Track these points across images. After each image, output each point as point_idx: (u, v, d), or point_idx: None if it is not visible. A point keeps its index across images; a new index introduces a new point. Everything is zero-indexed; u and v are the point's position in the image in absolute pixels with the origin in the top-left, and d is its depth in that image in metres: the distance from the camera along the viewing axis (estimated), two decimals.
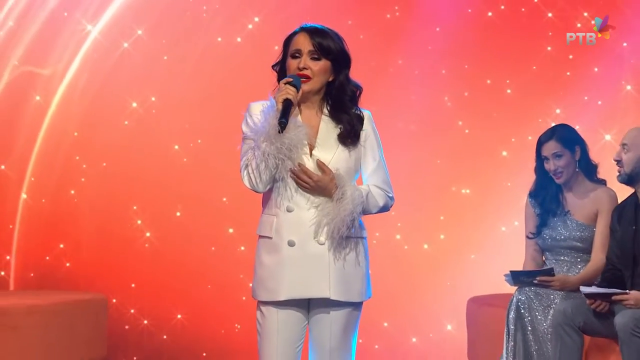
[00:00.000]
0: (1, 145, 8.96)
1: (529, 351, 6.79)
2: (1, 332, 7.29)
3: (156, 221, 9.03)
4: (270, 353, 4.71)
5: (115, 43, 9.00)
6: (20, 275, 8.99)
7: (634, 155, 6.59)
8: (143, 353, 8.84)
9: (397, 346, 8.82)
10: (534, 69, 8.99)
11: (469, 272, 8.83)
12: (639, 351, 6.28)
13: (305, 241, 4.63)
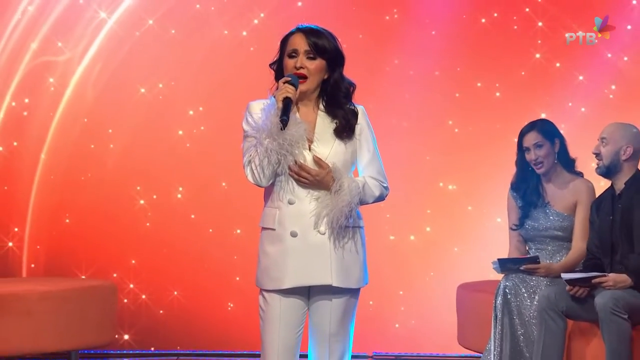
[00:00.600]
0: (19, 127, 8.96)
1: (515, 335, 6.81)
2: (16, 316, 7.25)
3: (158, 202, 8.99)
4: (272, 338, 4.72)
5: (128, 32, 8.97)
6: (31, 247, 8.96)
7: (612, 148, 6.65)
8: (140, 325, 8.79)
9: (388, 331, 8.84)
10: (522, 74, 8.97)
11: (454, 261, 8.81)
12: (618, 329, 6.33)
13: (306, 232, 4.65)
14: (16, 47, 8.93)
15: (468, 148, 8.98)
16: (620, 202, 6.66)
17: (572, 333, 6.70)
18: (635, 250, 6.56)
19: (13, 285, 7.68)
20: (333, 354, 4.75)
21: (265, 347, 4.74)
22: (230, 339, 8.87)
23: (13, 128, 8.95)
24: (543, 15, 8.93)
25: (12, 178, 8.97)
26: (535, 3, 8.96)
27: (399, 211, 8.80)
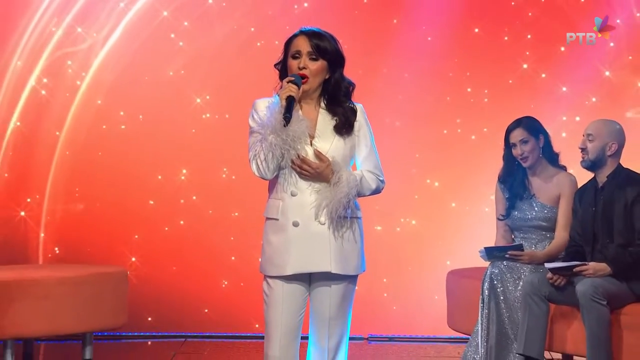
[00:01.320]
0: (40, 106, 8.97)
1: (501, 318, 6.84)
2: (34, 300, 7.24)
3: (162, 183, 8.98)
4: (276, 321, 4.72)
5: (144, 22, 8.97)
6: (49, 220, 8.96)
7: (598, 144, 6.66)
8: (141, 295, 8.75)
9: (382, 315, 8.85)
10: (510, 82, 8.98)
11: (441, 250, 8.84)
12: (598, 314, 6.36)
13: (308, 222, 4.65)
14: (43, 33, 8.93)
15: (455, 148, 8.99)
16: (602, 194, 6.68)
17: (554, 316, 6.72)
18: (615, 241, 6.58)
19: (32, 271, 7.68)
20: (332, 336, 4.75)
21: (269, 329, 4.73)
22: (226, 317, 8.90)
23: (34, 107, 8.94)
24: (531, 27, 8.93)
25: (32, 153, 8.98)
26: (526, 17, 8.95)
27: (387, 204, 8.74)
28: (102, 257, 8.86)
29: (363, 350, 8.40)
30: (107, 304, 7.66)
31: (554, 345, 6.81)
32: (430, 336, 8.64)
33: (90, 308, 7.52)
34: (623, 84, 8.92)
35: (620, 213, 6.59)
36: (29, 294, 7.26)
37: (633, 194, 6.57)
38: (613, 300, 6.43)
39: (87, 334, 7.62)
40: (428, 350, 8.32)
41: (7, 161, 8.97)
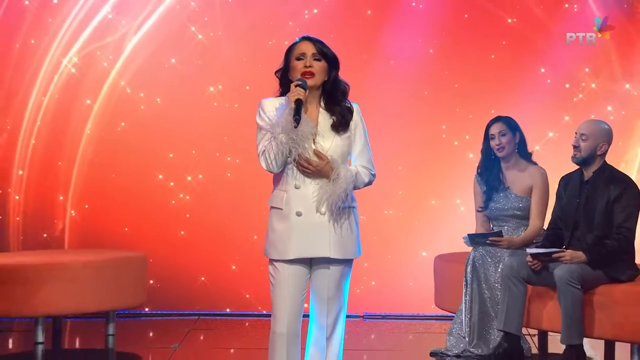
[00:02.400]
0: (77, 88, 8.91)
1: (483, 297, 6.92)
2: (62, 282, 7.25)
3: (173, 160, 8.92)
4: (282, 300, 4.73)
5: (173, 14, 8.91)
6: (76, 201, 8.90)
7: (592, 144, 6.63)
8: (159, 277, 8.72)
9: (377, 295, 8.81)
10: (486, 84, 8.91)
11: (428, 237, 8.77)
12: (572, 297, 6.40)
13: (309, 212, 4.66)
14: (82, 22, 8.90)
15: (440, 144, 8.94)
16: (587, 188, 6.68)
17: (531, 296, 6.76)
18: (593, 233, 6.60)
19: (60, 256, 7.68)
20: (330, 313, 4.76)
21: (276, 307, 4.73)
22: (234, 298, 8.85)
23: (68, 86, 8.88)
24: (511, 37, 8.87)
25: (64, 127, 8.94)
26: (511, 28, 8.87)
27: (375, 195, 8.56)
28: (123, 242, 8.83)
29: (359, 326, 8.38)
30: (128, 285, 7.65)
31: (531, 322, 6.86)
32: (420, 314, 8.62)
33: (113, 289, 7.52)
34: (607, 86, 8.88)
35: (602, 208, 6.59)
36: (57, 277, 7.26)
37: (615, 192, 6.57)
38: (586, 284, 6.47)
39: (110, 312, 7.65)
40: (417, 327, 8.30)
41: (42, 130, 8.89)
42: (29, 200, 8.91)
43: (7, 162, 8.89)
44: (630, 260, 6.64)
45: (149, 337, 8.03)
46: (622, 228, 6.55)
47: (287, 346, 4.73)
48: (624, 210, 6.55)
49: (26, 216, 8.89)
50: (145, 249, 8.45)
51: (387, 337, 8.04)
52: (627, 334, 6.47)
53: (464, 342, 6.95)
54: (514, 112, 7.46)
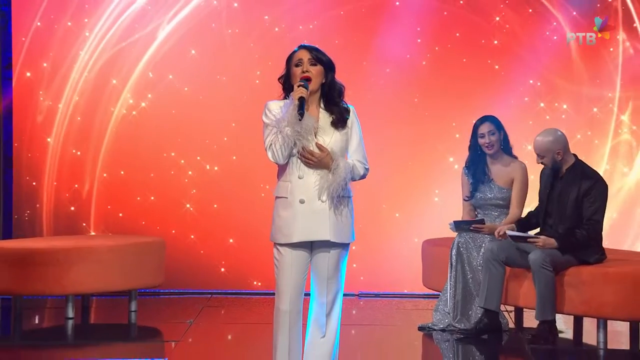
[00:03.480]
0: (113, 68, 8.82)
1: (466, 278, 6.96)
2: (90, 264, 7.31)
3: (188, 149, 8.85)
4: (285, 280, 4.72)
5: (200, 10, 8.81)
6: (102, 187, 8.84)
7: (549, 158, 6.71)
8: (176, 260, 8.59)
9: (370, 275, 8.78)
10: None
11: (417, 224, 8.72)
12: (545, 279, 6.51)
13: (311, 200, 4.66)
14: (121, 11, 8.82)
15: (422, 143, 8.83)
16: (561, 182, 6.74)
17: (509, 277, 6.86)
18: (565, 223, 6.68)
19: (87, 240, 7.73)
20: (330, 292, 4.76)
21: (280, 287, 4.73)
22: (242, 278, 8.80)
23: (105, 66, 8.80)
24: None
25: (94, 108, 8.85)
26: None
27: (368, 189, 8.38)
28: (143, 228, 8.80)
29: (355, 304, 8.37)
30: (148, 267, 7.71)
31: (509, 300, 6.96)
32: (409, 293, 8.58)
33: (135, 270, 7.58)
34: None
35: (573, 201, 6.66)
36: (85, 259, 7.33)
37: (585, 187, 6.63)
38: (557, 267, 6.58)
39: (133, 290, 7.67)
40: (406, 304, 8.27)
41: (78, 107, 8.82)
42: (61, 182, 8.83)
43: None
44: (597, 246, 6.74)
45: (167, 313, 8.01)
46: (591, 220, 6.64)
47: (290, 322, 4.74)
48: (592, 204, 6.62)
49: (58, 202, 8.84)
50: (165, 234, 8.49)
51: (380, 313, 8.03)
52: (594, 311, 6.59)
53: (449, 318, 6.99)
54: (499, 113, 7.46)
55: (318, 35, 8.63)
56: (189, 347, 6.73)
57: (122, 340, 7.11)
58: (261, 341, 4.86)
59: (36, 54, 8.81)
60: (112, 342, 6.99)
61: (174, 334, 7.09)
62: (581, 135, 8.72)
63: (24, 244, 7.68)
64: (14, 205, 8.80)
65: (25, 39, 8.77)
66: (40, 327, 7.63)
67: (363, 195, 8.53)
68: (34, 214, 8.82)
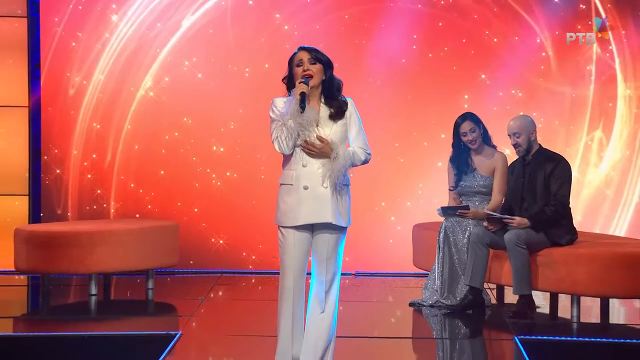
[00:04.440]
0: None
1: (452, 259, 6.99)
2: (111, 246, 7.35)
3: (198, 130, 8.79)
4: (289, 260, 4.75)
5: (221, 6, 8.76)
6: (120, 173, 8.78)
7: (525, 137, 6.75)
8: (188, 242, 8.58)
9: (366, 256, 8.75)
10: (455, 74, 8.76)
11: (407, 209, 8.73)
12: (520, 256, 6.58)
13: (315, 186, 4.68)
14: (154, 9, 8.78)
15: (413, 134, 8.78)
16: (529, 168, 6.80)
17: (492, 258, 6.90)
18: (537, 202, 6.73)
19: (108, 224, 7.75)
20: (329, 271, 4.77)
21: (284, 266, 4.76)
22: (249, 258, 8.75)
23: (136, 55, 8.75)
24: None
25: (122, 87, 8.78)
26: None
27: (361, 180, 8.42)
28: (160, 213, 8.76)
29: (352, 282, 8.37)
30: (164, 248, 7.73)
31: (491, 278, 7.00)
32: (401, 272, 8.54)
33: (152, 251, 7.61)
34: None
35: (541, 182, 6.73)
36: (107, 241, 7.37)
37: (550, 168, 6.71)
38: (531, 245, 6.63)
39: (150, 270, 7.69)
40: (398, 282, 8.26)
41: (105, 87, 8.74)
42: (84, 167, 8.79)
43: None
44: (568, 226, 6.79)
45: (181, 291, 8.01)
46: (558, 195, 6.70)
47: (294, 298, 4.77)
48: (557, 181, 6.70)
49: (82, 187, 8.80)
50: (178, 218, 8.48)
51: (374, 290, 8.04)
52: (567, 287, 6.64)
53: (437, 295, 7.03)
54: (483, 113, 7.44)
55: (322, 35, 8.62)
56: (200, 321, 6.74)
57: (140, 315, 7.15)
58: (266, 315, 4.89)
59: (67, 40, 8.74)
60: (131, 317, 7.02)
61: (187, 309, 7.08)
62: (558, 132, 8.75)
63: (51, 227, 7.72)
64: (42, 194, 8.78)
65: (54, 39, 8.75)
66: (66, 303, 7.67)
67: (361, 185, 8.55)
68: (59, 200, 8.79)
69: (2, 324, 6.75)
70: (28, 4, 8.68)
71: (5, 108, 8.75)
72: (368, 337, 6.39)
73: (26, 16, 8.68)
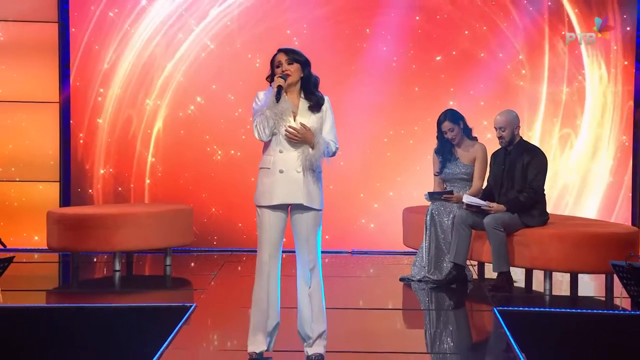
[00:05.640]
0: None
1: (438, 239, 7.01)
2: (133, 227, 7.35)
3: (210, 104, 8.68)
4: (266, 236, 4.73)
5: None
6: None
7: (509, 130, 6.75)
8: (201, 223, 8.55)
9: (361, 235, 8.67)
10: (442, 76, 8.64)
11: (397, 194, 8.66)
12: (498, 238, 6.61)
13: (289, 170, 4.67)
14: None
15: (401, 132, 8.71)
16: (509, 158, 6.81)
17: (474, 238, 6.90)
18: (514, 188, 6.74)
19: (131, 208, 7.75)
20: (310, 251, 4.75)
21: (261, 242, 4.76)
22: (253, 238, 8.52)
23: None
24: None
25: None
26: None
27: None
28: (176, 197, 8.70)
29: (348, 259, 8.30)
30: (180, 229, 7.72)
31: (473, 256, 7.01)
32: (392, 250, 8.47)
33: (169, 231, 7.60)
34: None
35: (519, 171, 6.74)
36: (129, 223, 7.38)
37: (528, 159, 6.72)
38: (508, 227, 6.65)
39: (168, 248, 7.68)
40: (390, 260, 8.25)
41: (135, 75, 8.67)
42: (110, 155, 8.74)
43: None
44: (541, 209, 6.81)
45: (195, 267, 8.01)
46: (533, 183, 6.72)
47: (269, 272, 4.75)
48: (533, 171, 6.71)
49: (106, 174, 8.76)
50: (194, 202, 8.45)
51: (369, 267, 8.03)
52: (541, 264, 6.68)
53: (424, 271, 7.04)
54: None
55: (324, 38, 8.51)
56: (213, 294, 6.77)
57: (159, 289, 7.16)
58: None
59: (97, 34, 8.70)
60: (151, 290, 7.04)
61: (201, 283, 7.10)
62: (536, 127, 8.73)
63: (80, 210, 7.74)
64: (71, 180, 8.77)
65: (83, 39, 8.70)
66: (93, 278, 7.68)
67: (359, 174, 8.58)
68: (85, 186, 8.78)
69: (37, 296, 6.81)
70: (59, 11, 8.69)
71: (38, 104, 8.77)
72: (363, 308, 6.44)
73: (57, 21, 8.72)
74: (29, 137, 8.76)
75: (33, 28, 8.69)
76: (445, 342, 5.62)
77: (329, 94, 4.90)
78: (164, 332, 5.38)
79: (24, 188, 8.75)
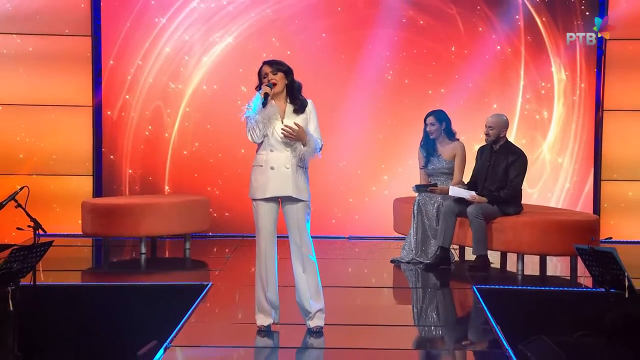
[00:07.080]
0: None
1: (424, 226, 7.01)
2: (157, 215, 7.35)
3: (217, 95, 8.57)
4: (262, 224, 4.77)
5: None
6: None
7: (496, 132, 6.73)
8: (216, 212, 8.42)
9: (357, 222, 8.63)
10: (430, 76, 8.56)
11: (388, 186, 8.59)
12: (479, 225, 6.61)
13: (280, 167, 4.69)
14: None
15: (395, 130, 8.60)
16: (495, 155, 6.79)
17: (459, 225, 6.87)
18: (496, 184, 6.73)
19: (155, 198, 7.73)
20: (302, 236, 4.76)
21: (258, 231, 4.80)
22: None
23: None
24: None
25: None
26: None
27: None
28: (193, 189, 8.59)
29: (345, 244, 8.23)
30: (198, 217, 7.68)
31: (457, 241, 7.00)
32: (384, 235, 8.34)
33: (189, 219, 7.56)
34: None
35: (502, 169, 6.73)
36: (154, 212, 7.38)
37: (511, 160, 6.71)
38: (487, 216, 6.66)
39: (187, 234, 7.61)
40: (382, 244, 8.17)
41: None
42: (136, 149, 8.67)
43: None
44: (517, 201, 6.82)
45: (212, 250, 7.99)
46: (513, 182, 6.73)
47: (266, 256, 4.80)
48: (515, 171, 6.71)
49: (134, 170, 8.69)
50: (209, 193, 8.37)
51: (363, 250, 8.00)
52: (514, 247, 6.70)
53: (412, 254, 7.05)
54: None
55: (325, 50, 8.31)
56: (227, 274, 6.77)
57: (180, 270, 7.15)
58: (280, 269, 4.92)
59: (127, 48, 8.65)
60: (173, 271, 7.03)
61: (217, 264, 7.09)
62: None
63: (110, 201, 7.75)
64: (103, 174, 8.73)
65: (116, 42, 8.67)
66: (122, 260, 7.68)
67: (357, 168, 8.51)
68: (115, 179, 8.74)
69: (73, 275, 6.80)
70: (92, 26, 8.68)
71: (73, 107, 8.76)
72: (357, 286, 6.38)
73: (90, 35, 8.71)
74: (66, 136, 8.75)
75: (68, 41, 8.68)
76: (430, 317, 5.69)
77: (328, 97, 4.91)
78: (184, 307, 5.42)
79: (61, 181, 8.75)
